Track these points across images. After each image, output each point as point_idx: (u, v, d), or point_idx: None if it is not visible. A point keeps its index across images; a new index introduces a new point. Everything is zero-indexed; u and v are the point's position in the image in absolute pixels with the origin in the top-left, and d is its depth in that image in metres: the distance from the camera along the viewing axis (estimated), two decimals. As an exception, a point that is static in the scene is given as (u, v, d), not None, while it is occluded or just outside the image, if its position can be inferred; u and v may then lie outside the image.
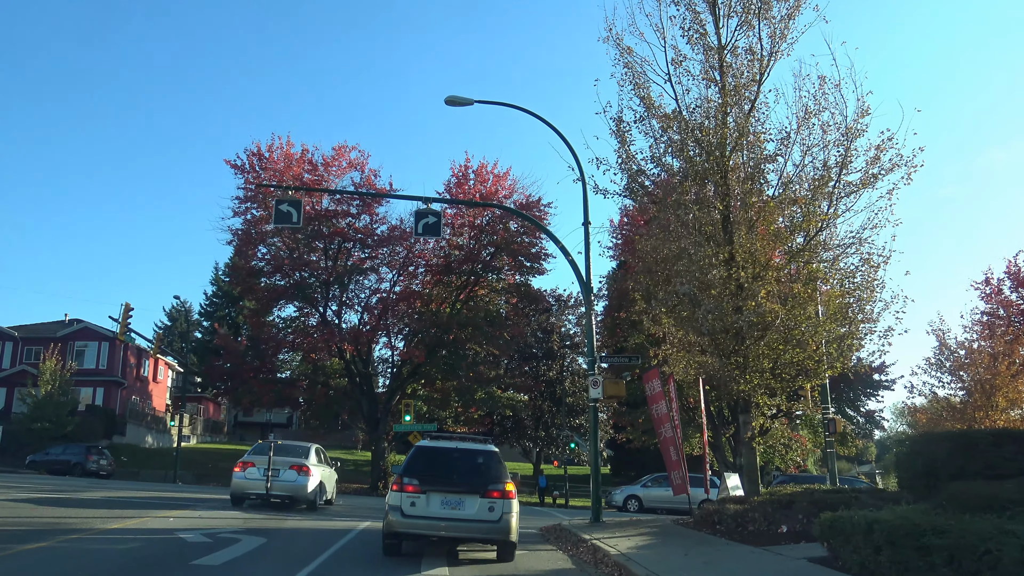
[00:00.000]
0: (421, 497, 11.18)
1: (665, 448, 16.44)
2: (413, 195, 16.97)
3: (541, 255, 42.83)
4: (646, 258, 16.29)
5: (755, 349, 13.34)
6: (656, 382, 15.99)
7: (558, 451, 53.92)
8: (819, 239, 13.65)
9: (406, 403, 40.99)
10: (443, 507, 11.18)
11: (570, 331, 53.03)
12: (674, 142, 14.52)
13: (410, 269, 43.12)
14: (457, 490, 11.25)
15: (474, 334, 41.29)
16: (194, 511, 17.51)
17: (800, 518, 11.19)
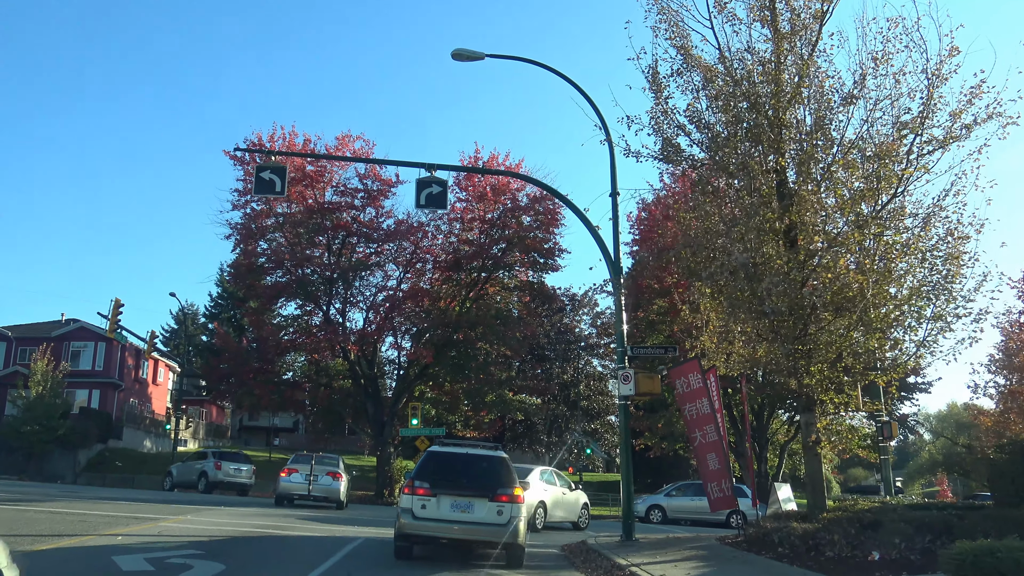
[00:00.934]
0: (432, 500, 11.52)
1: (702, 455, 14.17)
2: (414, 162, 14.77)
3: (555, 251, 40.70)
4: (688, 231, 14.08)
5: (824, 335, 11.12)
6: (695, 376, 13.81)
7: (572, 457, 51.67)
8: (893, 206, 11.43)
9: (413, 406, 38.92)
10: (453, 510, 11.50)
11: (584, 332, 50.82)
12: (719, 95, 12.33)
13: (417, 266, 41.03)
14: (467, 493, 11.56)
15: (485, 333, 39.15)
16: (157, 523, 15.36)
17: (898, 543, 8.98)
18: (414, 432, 38.24)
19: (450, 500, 11.46)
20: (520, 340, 41.53)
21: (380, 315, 39.63)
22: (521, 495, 11.83)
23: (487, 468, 12.05)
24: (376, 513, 26.50)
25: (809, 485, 12.87)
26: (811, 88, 11.68)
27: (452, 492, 11.51)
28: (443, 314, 39.10)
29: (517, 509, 11.55)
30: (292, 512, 23.03)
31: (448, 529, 11.45)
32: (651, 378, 14.52)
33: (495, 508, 11.44)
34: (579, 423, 47.36)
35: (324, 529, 16.91)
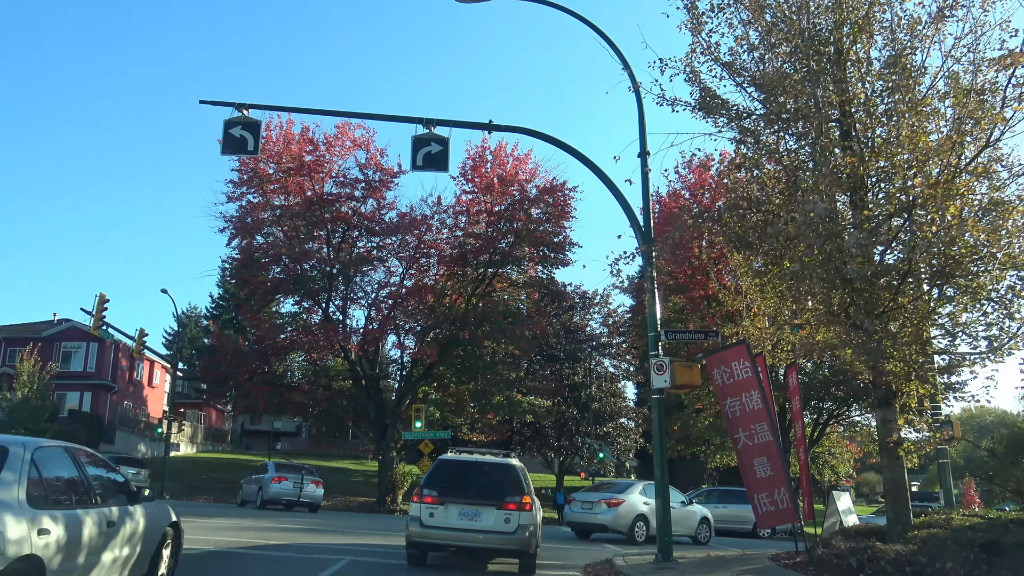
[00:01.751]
0: (439, 508, 11.56)
1: (749, 459, 12.03)
2: (408, 116, 12.73)
3: (565, 244, 38.67)
4: (733, 194, 12.00)
5: (919, 306, 9.02)
6: (742, 365, 11.67)
7: (583, 461, 49.53)
8: (987, 155, 9.36)
9: (417, 408, 36.96)
10: (460, 518, 11.50)
11: (596, 331, 48.69)
12: (772, 28, 10.30)
13: (421, 261, 39.06)
14: (474, 502, 11.54)
15: (492, 332, 37.13)
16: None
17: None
18: (418, 435, 36.26)
19: (458, 508, 11.50)
20: (529, 339, 39.48)
21: (382, 312, 37.69)
22: (531, 502, 11.73)
23: (496, 476, 12.00)
24: (371, 523, 24.40)
25: (890, 496, 10.70)
26: (886, 12, 9.63)
27: (459, 500, 11.54)
28: (448, 311, 37.14)
29: (526, 516, 11.51)
30: (283, 519, 21.07)
31: (455, 537, 11.52)
32: (689, 368, 12.48)
33: (503, 516, 11.40)
34: (590, 427, 45.23)
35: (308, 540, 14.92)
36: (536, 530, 11.75)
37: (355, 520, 26.71)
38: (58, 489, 6.48)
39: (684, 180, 39.92)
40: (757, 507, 11.74)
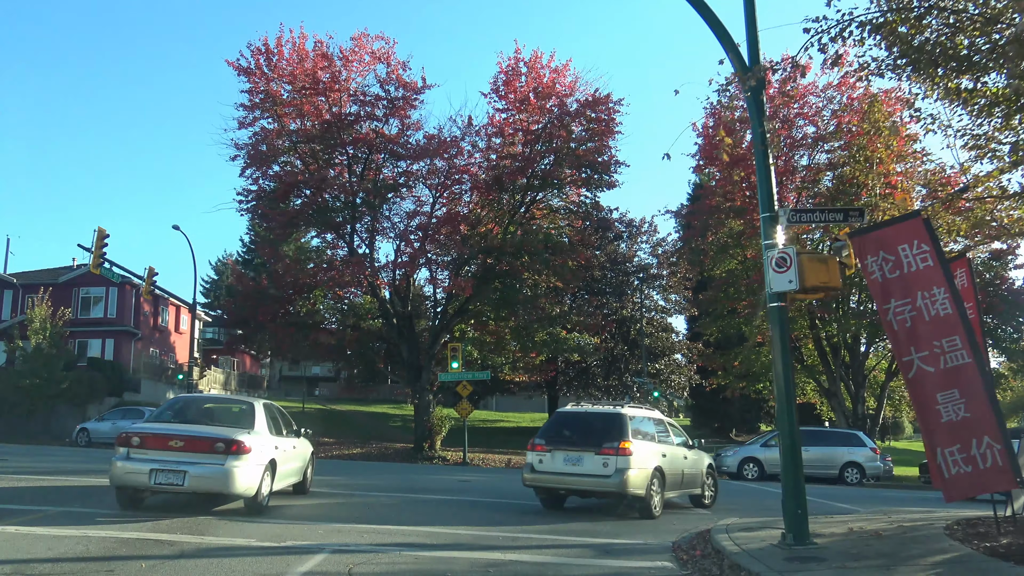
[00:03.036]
0: (547, 455, 12.85)
1: (925, 393, 7.63)
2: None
3: (610, 164, 34.76)
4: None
5: None
6: (917, 250, 7.61)
7: (633, 402, 46.45)
8: None
9: (453, 348, 33.90)
10: (565, 463, 12.66)
11: (644, 261, 44.93)
12: None
13: (453, 188, 35.52)
14: (576, 448, 12.64)
15: (531, 262, 33.67)
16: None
17: None
18: (455, 377, 33.31)
19: (563, 455, 12.62)
20: (572, 270, 35.98)
21: (412, 245, 34.37)
22: (629, 447, 12.23)
23: (599, 424, 12.90)
24: (396, 480, 21.44)
25: None
26: None
27: (564, 447, 12.67)
28: (484, 241, 33.68)
29: (624, 461, 12.15)
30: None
31: (560, 480, 12.68)
32: (824, 263, 8.74)
33: (601, 461, 12.25)
34: (640, 363, 41.88)
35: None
36: (639, 472, 12.19)
37: (391, 474, 23.84)
38: (275, 426, 12.60)
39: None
40: (942, 467, 7.71)
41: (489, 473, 25.68)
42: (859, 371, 35.42)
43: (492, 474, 24.96)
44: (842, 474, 23.28)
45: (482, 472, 25.59)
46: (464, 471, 26.85)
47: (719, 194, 37.77)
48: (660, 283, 44.61)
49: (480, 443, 41.20)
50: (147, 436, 10.75)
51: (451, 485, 17.58)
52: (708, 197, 38.56)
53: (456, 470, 26.49)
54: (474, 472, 25.27)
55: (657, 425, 13.76)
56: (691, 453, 14.60)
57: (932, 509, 14.31)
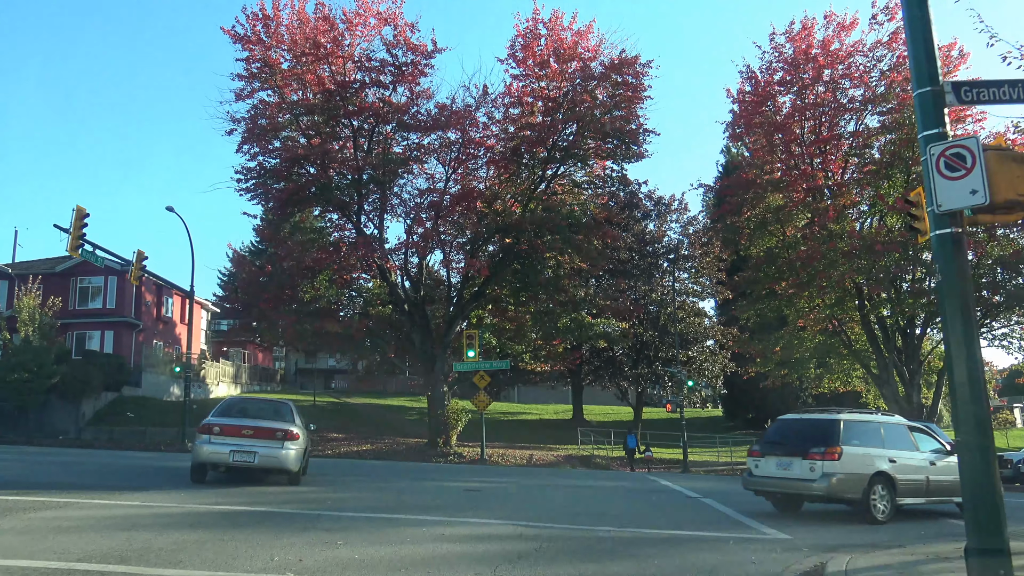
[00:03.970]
0: (762, 460, 13.45)
1: None
2: None
3: (639, 133, 31.87)
4: None
5: None
6: None
7: (664, 392, 43.51)
8: None
9: (469, 335, 31.25)
10: (777, 468, 13.14)
11: (673, 242, 41.93)
12: None
13: (468, 163, 32.80)
14: (787, 453, 13.03)
15: (553, 241, 30.88)
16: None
17: None
18: (471, 366, 30.70)
19: (775, 460, 13.18)
20: (598, 249, 33.16)
21: (423, 224, 31.71)
22: (836, 452, 12.37)
23: (810, 430, 13.33)
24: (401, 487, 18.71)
25: None
26: None
27: (776, 453, 13.23)
28: (501, 218, 30.91)
29: (831, 466, 12.35)
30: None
31: (773, 484, 13.20)
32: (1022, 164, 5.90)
33: (808, 465, 12.57)
34: (671, 351, 38.95)
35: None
36: (850, 478, 12.31)
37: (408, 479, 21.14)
38: (303, 420, 16.16)
39: (780, 52, 32.33)
40: None
41: (506, 475, 23.01)
42: (914, 356, 32.27)
43: (510, 476, 22.26)
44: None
45: (498, 474, 22.86)
46: (480, 472, 24.15)
47: (756, 165, 34.75)
48: (692, 265, 41.59)
49: (501, 437, 38.59)
50: (225, 426, 14.08)
51: (453, 499, 13.83)
52: (744, 169, 35.52)
53: (469, 471, 23.72)
54: (489, 475, 22.52)
55: (890, 430, 13.66)
56: (945, 460, 13.77)
57: None
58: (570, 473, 25.66)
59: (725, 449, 37.04)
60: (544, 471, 26.04)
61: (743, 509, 13.70)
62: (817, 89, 31.87)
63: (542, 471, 26.04)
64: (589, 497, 15.40)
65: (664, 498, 16.06)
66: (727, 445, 37.38)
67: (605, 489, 17.66)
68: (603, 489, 17.62)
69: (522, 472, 24.72)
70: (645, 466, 29.70)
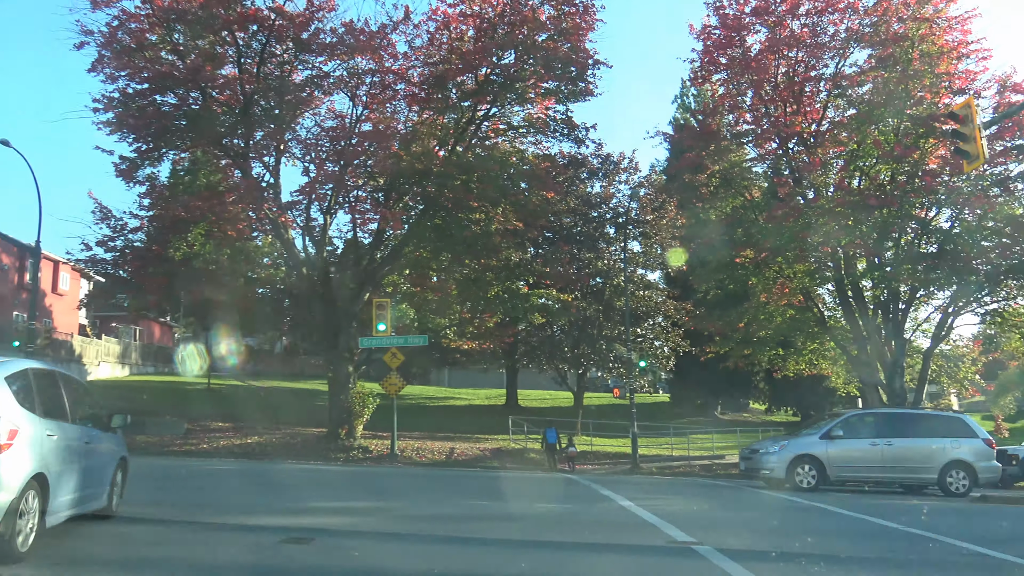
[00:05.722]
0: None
1: None
2: None
3: (588, 64, 26.57)
4: None
5: None
6: None
7: (607, 375, 38.61)
8: None
9: (379, 304, 25.63)
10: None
11: (623, 205, 36.89)
12: None
13: (382, 95, 27.09)
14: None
15: (483, 189, 25.50)
16: None
17: None
18: (380, 342, 25.26)
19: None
20: (538, 205, 27.93)
21: (323, 168, 25.97)
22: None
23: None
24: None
25: None
26: None
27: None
28: (420, 160, 25.35)
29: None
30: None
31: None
32: None
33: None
34: (618, 328, 33.98)
35: None
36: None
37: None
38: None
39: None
40: None
41: (411, 476, 17.57)
42: (897, 334, 27.90)
43: (404, 489, 16.87)
44: (943, 479, 15.57)
45: (394, 481, 17.38)
46: (370, 479, 18.68)
47: (721, 113, 29.93)
48: (642, 231, 36.63)
49: (424, 425, 33.21)
50: None
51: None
52: (709, 116, 30.65)
53: (352, 478, 17.96)
54: (392, 479, 17.05)
55: None
56: None
57: None
58: (486, 478, 20.26)
59: (679, 440, 32.30)
60: (455, 474, 20.56)
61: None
62: (793, 25, 27.23)
63: (455, 475, 20.54)
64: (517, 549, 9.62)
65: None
66: (680, 435, 32.65)
67: (546, 519, 12.24)
68: (542, 520, 12.18)
69: (430, 477, 19.20)
70: (567, 463, 24.61)
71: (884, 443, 15.82)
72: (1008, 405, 51.06)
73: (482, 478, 19.21)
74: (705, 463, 27.84)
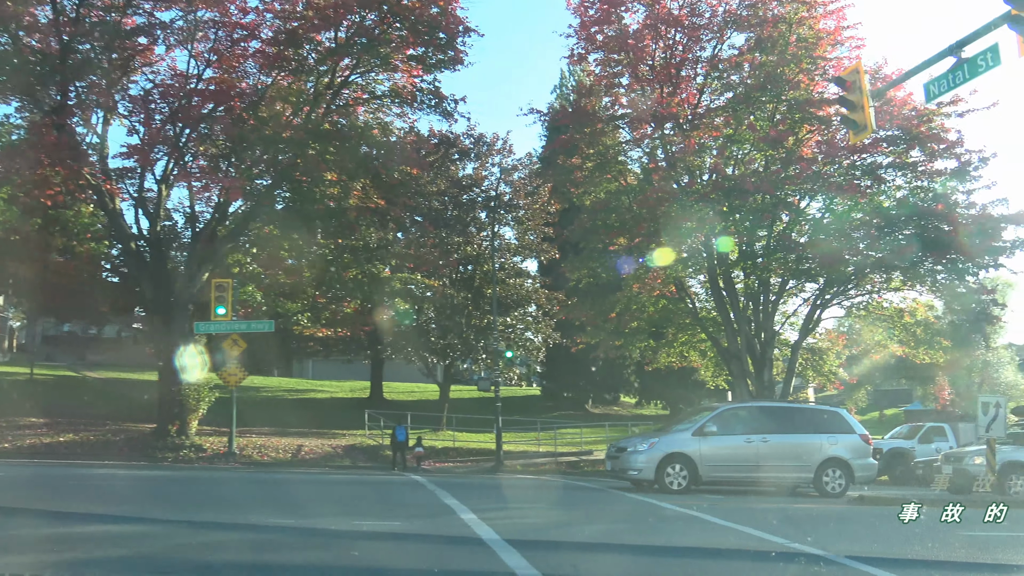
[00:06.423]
0: None
1: None
2: None
3: (457, 31, 24.58)
4: None
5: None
6: None
7: (476, 367, 36.92)
8: None
9: (219, 285, 22.82)
10: None
11: (495, 188, 35.15)
12: None
13: (227, 54, 24.20)
14: None
15: (340, 161, 23.14)
16: None
17: None
18: (221, 328, 22.50)
19: None
20: (402, 182, 25.80)
21: (154, 128, 22.87)
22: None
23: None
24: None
25: None
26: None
27: None
28: (266, 124, 22.72)
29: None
30: None
31: None
32: None
33: None
34: (487, 317, 32.25)
35: None
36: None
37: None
38: None
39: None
40: None
41: (230, 482, 15.15)
42: (767, 326, 27.50)
43: (230, 484, 14.44)
44: (819, 479, 14.51)
45: (215, 484, 14.96)
46: (198, 477, 16.11)
47: (597, 93, 28.70)
48: (515, 215, 35.06)
49: (279, 420, 30.48)
50: None
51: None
52: (584, 97, 29.35)
53: (151, 487, 15.20)
54: (201, 485, 14.52)
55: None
56: None
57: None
58: (319, 482, 17.92)
59: (547, 435, 30.95)
60: (287, 477, 18.10)
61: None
62: (671, 6, 26.25)
63: (286, 478, 18.06)
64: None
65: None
66: (549, 430, 31.32)
67: (356, 545, 10.10)
68: (343, 551, 10.10)
69: (255, 482, 16.62)
70: (416, 461, 22.74)
71: (760, 439, 14.67)
72: (861, 399, 52.84)
73: (315, 482, 16.95)
74: (572, 459, 26.54)
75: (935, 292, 26.29)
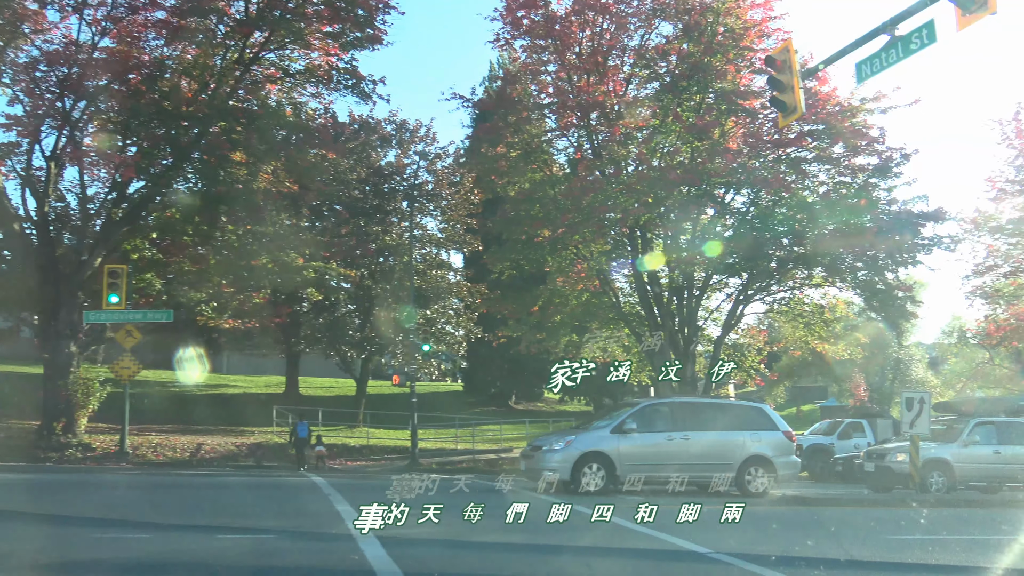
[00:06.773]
0: None
1: None
2: None
3: (376, 8, 23.37)
4: None
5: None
6: None
7: (395, 361, 35.65)
8: None
9: (112, 271, 21.12)
10: None
11: (417, 177, 34.00)
12: None
13: (125, 23, 22.40)
14: None
15: (247, 137, 21.70)
16: None
17: None
18: (112, 316, 20.80)
19: None
20: (315, 164, 24.46)
21: (48, 99, 21.03)
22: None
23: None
24: None
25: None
26: None
27: None
28: (166, 97, 21.11)
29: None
30: None
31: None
32: None
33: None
34: (406, 310, 31.07)
35: None
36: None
37: None
38: None
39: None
40: None
41: (94, 487, 13.76)
42: (691, 321, 27.18)
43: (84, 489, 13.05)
44: (741, 477, 13.93)
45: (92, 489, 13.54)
46: (66, 481, 14.62)
47: (523, 80, 27.89)
48: (437, 207, 33.96)
49: (184, 417, 28.84)
50: None
51: None
52: (510, 84, 28.50)
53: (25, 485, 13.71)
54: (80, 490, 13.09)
55: None
56: None
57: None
58: (204, 485, 16.59)
59: (465, 432, 30.01)
60: (170, 481, 16.75)
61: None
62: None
63: (179, 481, 16.72)
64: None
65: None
66: (468, 427, 30.40)
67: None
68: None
69: (128, 486, 15.27)
70: (318, 460, 21.58)
71: (681, 437, 14.05)
72: (780, 395, 53.60)
73: (200, 485, 15.66)
74: (491, 457, 25.69)
75: (855, 288, 26.36)
